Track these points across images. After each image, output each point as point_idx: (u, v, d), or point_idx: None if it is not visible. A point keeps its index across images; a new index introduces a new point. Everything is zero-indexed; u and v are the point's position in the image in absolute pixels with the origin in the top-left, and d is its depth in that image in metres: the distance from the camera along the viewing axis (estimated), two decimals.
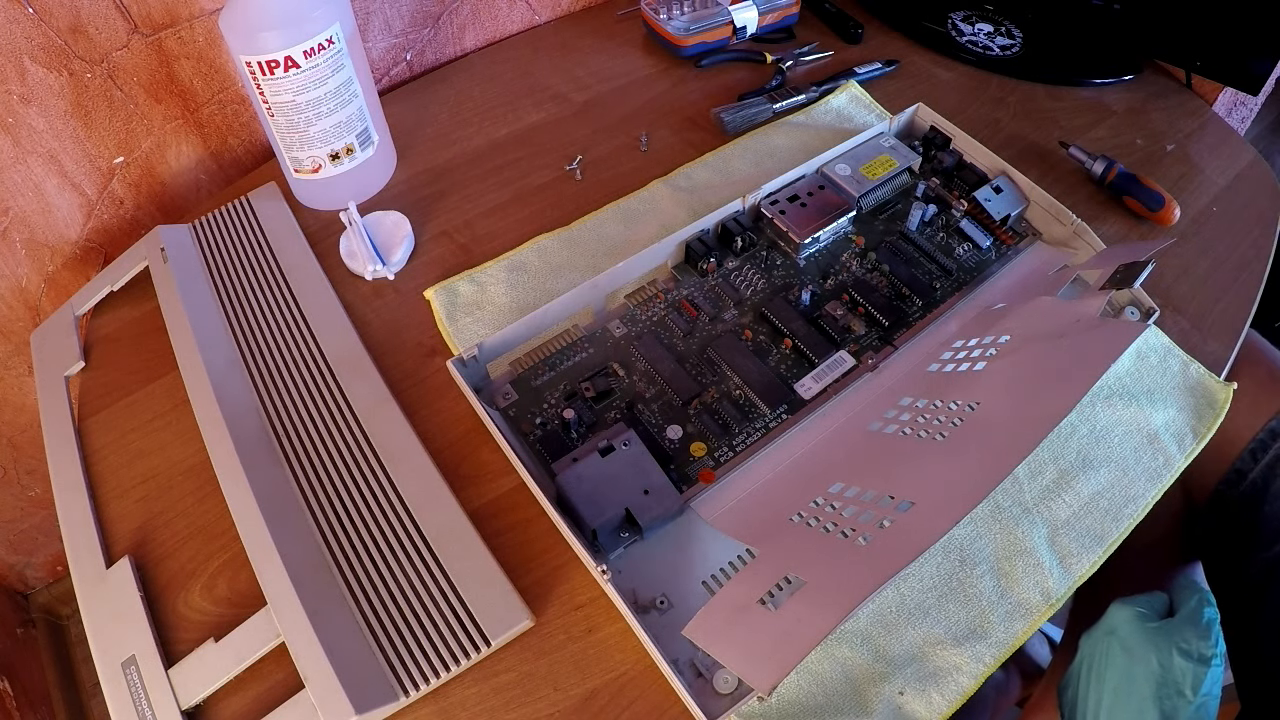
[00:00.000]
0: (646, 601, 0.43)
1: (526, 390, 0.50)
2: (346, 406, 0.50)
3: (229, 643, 0.42)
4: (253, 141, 0.69)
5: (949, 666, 0.43)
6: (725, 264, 0.57)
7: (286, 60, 0.52)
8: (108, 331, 0.57)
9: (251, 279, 0.58)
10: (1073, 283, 0.54)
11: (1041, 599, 0.45)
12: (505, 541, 0.46)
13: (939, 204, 0.60)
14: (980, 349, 0.46)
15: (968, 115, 0.70)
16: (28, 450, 0.77)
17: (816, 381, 0.50)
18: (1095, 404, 0.52)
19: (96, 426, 0.52)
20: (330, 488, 0.47)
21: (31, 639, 0.89)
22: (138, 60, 0.58)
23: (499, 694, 0.42)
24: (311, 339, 0.54)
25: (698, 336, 0.53)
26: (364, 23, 0.68)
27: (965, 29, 0.77)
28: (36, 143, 0.58)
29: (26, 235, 0.62)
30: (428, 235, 0.61)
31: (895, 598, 0.45)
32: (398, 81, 0.75)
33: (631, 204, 0.63)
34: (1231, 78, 0.69)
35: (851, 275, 0.56)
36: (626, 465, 0.45)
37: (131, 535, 0.47)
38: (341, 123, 0.58)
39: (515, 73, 0.74)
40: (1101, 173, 0.63)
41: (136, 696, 0.41)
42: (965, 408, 0.40)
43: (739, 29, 0.75)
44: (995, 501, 0.48)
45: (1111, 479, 0.49)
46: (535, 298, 0.56)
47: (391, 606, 0.43)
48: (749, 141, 0.67)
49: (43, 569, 0.91)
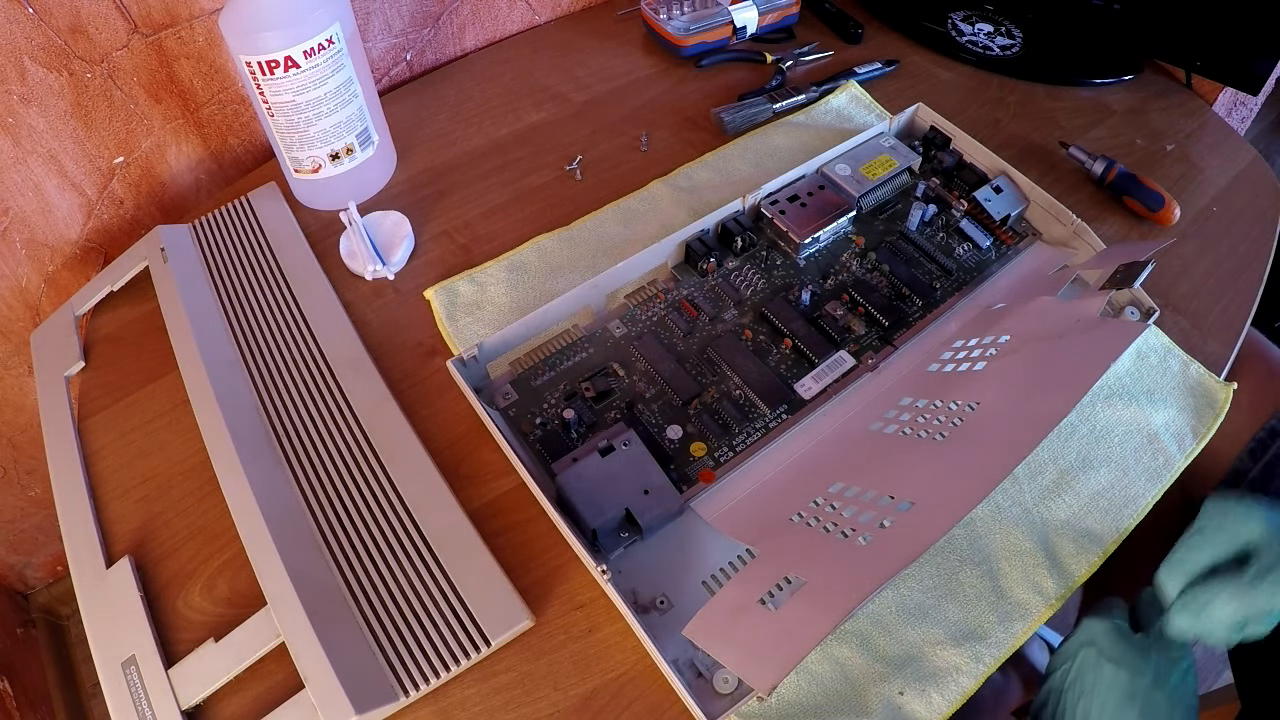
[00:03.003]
0: (646, 601, 0.43)
1: (526, 390, 0.50)
2: (346, 406, 0.50)
3: (229, 643, 0.42)
4: (253, 141, 0.69)
5: (948, 667, 0.43)
6: (725, 264, 0.57)
7: (286, 60, 0.52)
8: (108, 331, 0.57)
9: (251, 279, 0.58)
10: (1073, 283, 0.54)
11: (1041, 599, 0.45)
12: (505, 541, 0.46)
13: (939, 204, 0.60)
14: (980, 349, 0.46)
15: (968, 115, 0.70)
16: (28, 450, 0.77)
17: (816, 381, 0.50)
18: (1095, 404, 0.52)
19: (96, 426, 0.52)
20: (330, 488, 0.47)
21: (31, 639, 0.89)
22: (138, 60, 0.58)
23: (499, 694, 0.42)
24: (311, 339, 0.54)
25: (698, 336, 0.53)
26: (364, 23, 0.68)
27: (965, 29, 0.77)
28: (36, 143, 0.58)
29: (26, 235, 0.62)
30: (428, 235, 0.61)
31: (895, 598, 0.45)
32: (398, 81, 0.75)
33: (631, 204, 0.63)
34: (1231, 78, 0.69)
35: (851, 275, 0.56)
36: (626, 465, 0.45)
37: (131, 535, 0.47)
38: (341, 123, 0.58)
39: (515, 73, 0.75)
40: (1101, 173, 0.63)
41: (136, 696, 0.41)
42: (965, 408, 0.40)
43: (739, 29, 0.75)
44: (995, 501, 0.48)
45: (1111, 479, 0.49)
46: (535, 298, 0.56)
47: (391, 606, 0.43)
48: (749, 141, 0.67)
49: (43, 569, 0.91)
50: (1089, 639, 0.43)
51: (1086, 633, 0.43)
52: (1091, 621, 0.43)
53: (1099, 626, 0.42)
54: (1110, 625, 0.42)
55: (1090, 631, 0.43)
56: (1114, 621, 0.42)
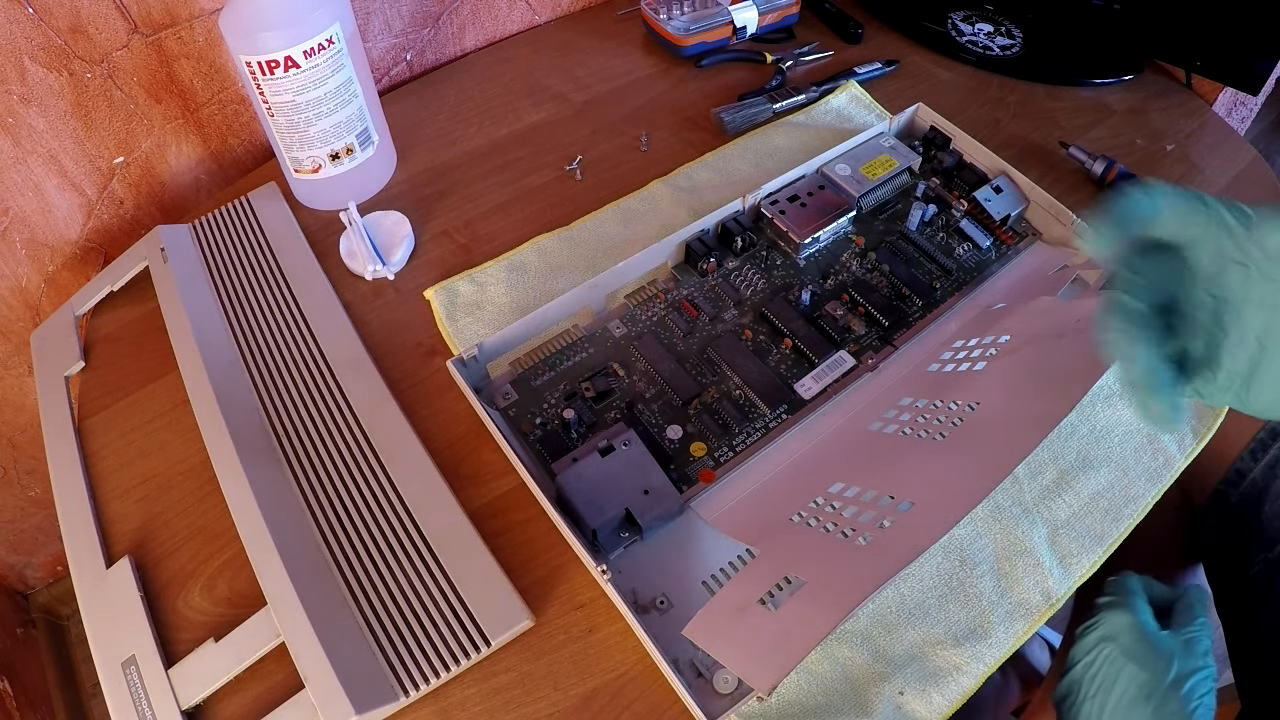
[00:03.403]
0: (646, 601, 0.43)
1: (526, 390, 0.50)
2: (346, 406, 0.50)
3: (229, 643, 0.42)
4: (253, 141, 0.69)
5: (949, 666, 0.43)
6: (725, 264, 0.57)
7: (286, 60, 0.52)
8: (108, 331, 0.57)
9: (251, 279, 0.58)
10: (1073, 283, 0.54)
11: (1041, 599, 0.45)
12: (505, 541, 0.46)
13: (939, 204, 0.60)
14: (980, 349, 0.46)
15: (968, 115, 0.70)
16: (28, 450, 0.77)
17: (816, 381, 0.50)
18: (1095, 404, 0.52)
19: (96, 426, 0.52)
20: (330, 488, 0.47)
21: (31, 639, 0.89)
22: (138, 60, 0.58)
23: (499, 694, 0.42)
24: (311, 339, 0.54)
25: (698, 336, 0.53)
26: (364, 23, 0.68)
27: (965, 29, 0.77)
28: (36, 143, 0.58)
29: (26, 235, 0.62)
30: (428, 235, 0.61)
31: (895, 598, 0.45)
32: (398, 81, 0.75)
33: (631, 204, 0.63)
34: (1231, 78, 0.69)
35: (851, 275, 0.56)
36: (626, 465, 0.45)
37: (131, 535, 0.47)
38: (341, 123, 0.58)
39: (515, 73, 0.74)
40: (1101, 173, 0.63)
41: (136, 696, 0.41)
42: (965, 408, 0.40)
43: (739, 29, 0.75)
44: (995, 501, 0.48)
45: (1111, 479, 0.49)
46: (535, 298, 0.56)
47: (391, 606, 0.43)
48: (749, 141, 0.67)
49: (43, 569, 0.91)
50: (1111, 634, 0.42)
51: (1108, 627, 0.43)
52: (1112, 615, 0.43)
53: (1121, 621, 0.42)
54: (1132, 621, 0.42)
55: (1112, 626, 0.42)
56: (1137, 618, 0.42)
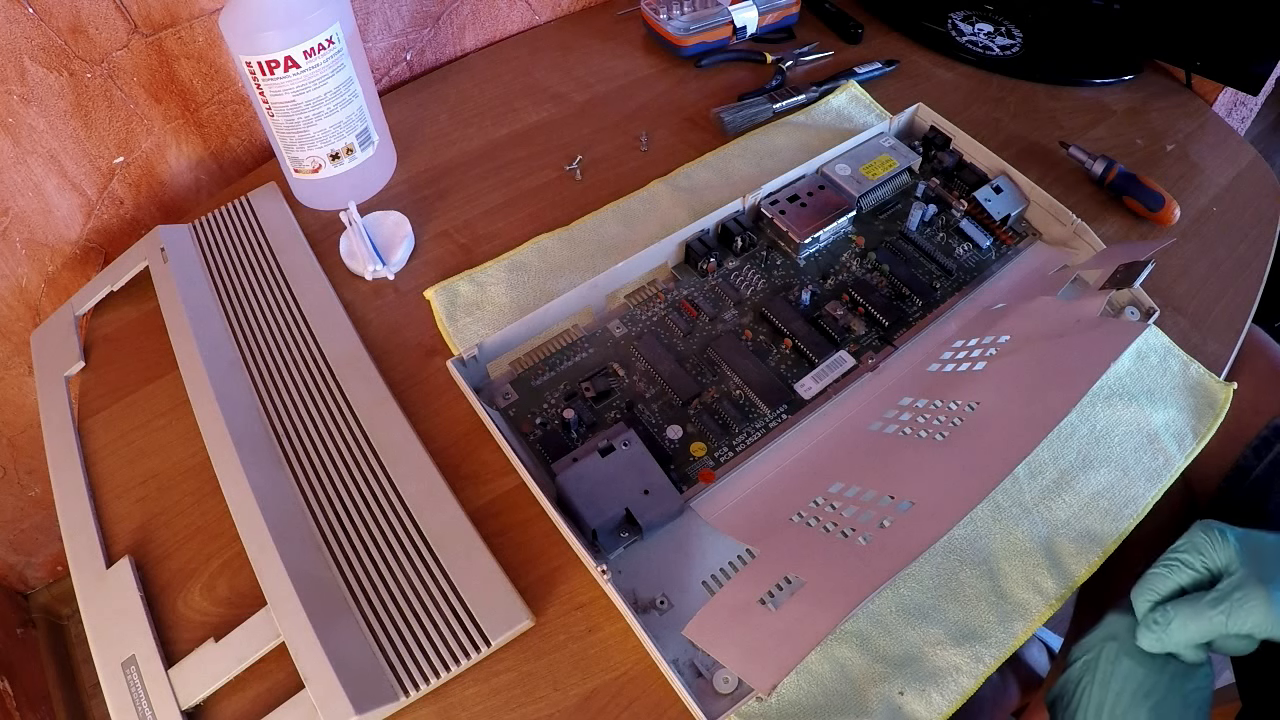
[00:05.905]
0: (646, 601, 0.43)
1: (526, 390, 0.50)
2: (346, 406, 0.50)
3: (229, 643, 0.42)
4: (253, 141, 0.69)
5: (948, 667, 0.43)
6: (725, 264, 0.57)
7: (286, 60, 0.52)
8: (108, 331, 0.57)
9: (251, 279, 0.58)
10: (1073, 283, 0.54)
11: (1041, 599, 0.45)
12: (505, 541, 0.46)
13: (939, 204, 0.60)
14: (980, 349, 0.46)
15: (968, 115, 0.70)
16: (28, 450, 0.77)
17: (816, 381, 0.50)
18: (1095, 404, 0.52)
19: (96, 426, 0.52)
20: (330, 487, 0.47)
21: (31, 639, 0.89)
22: (138, 60, 0.58)
23: (499, 694, 0.42)
24: (311, 339, 0.54)
25: (698, 336, 0.53)
26: (364, 23, 0.68)
27: (965, 29, 0.77)
28: (36, 143, 0.58)
29: (26, 235, 0.62)
30: (428, 235, 0.61)
31: (895, 598, 0.45)
32: (398, 81, 0.75)
33: (631, 204, 0.63)
34: (1231, 78, 0.69)
35: (851, 275, 0.56)
36: (626, 465, 0.45)
37: (131, 535, 0.47)
38: (341, 123, 0.58)
39: (515, 73, 0.75)
40: (1101, 173, 0.63)
41: (136, 696, 0.41)
42: (965, 408, 0.40)
43: (739, 29, 0.75)
44: (995, 501, 0.48)
45: (1111, 479, 0.49)
46: (535, 298, 0.56)
47: (391, 606, 0.43)
48: (749, 141, 0.67)
49: (43, 569, 0.91)
50: (1112, 633, 0.43)
51: (1111, 627, 0.43)
52: (1116, 617, 0.44)
53: (1124, 622, 0.43)
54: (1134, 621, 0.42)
55: (1114, 626, 0.43)
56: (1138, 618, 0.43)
